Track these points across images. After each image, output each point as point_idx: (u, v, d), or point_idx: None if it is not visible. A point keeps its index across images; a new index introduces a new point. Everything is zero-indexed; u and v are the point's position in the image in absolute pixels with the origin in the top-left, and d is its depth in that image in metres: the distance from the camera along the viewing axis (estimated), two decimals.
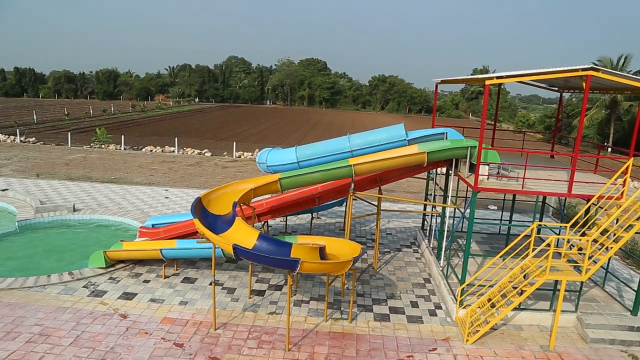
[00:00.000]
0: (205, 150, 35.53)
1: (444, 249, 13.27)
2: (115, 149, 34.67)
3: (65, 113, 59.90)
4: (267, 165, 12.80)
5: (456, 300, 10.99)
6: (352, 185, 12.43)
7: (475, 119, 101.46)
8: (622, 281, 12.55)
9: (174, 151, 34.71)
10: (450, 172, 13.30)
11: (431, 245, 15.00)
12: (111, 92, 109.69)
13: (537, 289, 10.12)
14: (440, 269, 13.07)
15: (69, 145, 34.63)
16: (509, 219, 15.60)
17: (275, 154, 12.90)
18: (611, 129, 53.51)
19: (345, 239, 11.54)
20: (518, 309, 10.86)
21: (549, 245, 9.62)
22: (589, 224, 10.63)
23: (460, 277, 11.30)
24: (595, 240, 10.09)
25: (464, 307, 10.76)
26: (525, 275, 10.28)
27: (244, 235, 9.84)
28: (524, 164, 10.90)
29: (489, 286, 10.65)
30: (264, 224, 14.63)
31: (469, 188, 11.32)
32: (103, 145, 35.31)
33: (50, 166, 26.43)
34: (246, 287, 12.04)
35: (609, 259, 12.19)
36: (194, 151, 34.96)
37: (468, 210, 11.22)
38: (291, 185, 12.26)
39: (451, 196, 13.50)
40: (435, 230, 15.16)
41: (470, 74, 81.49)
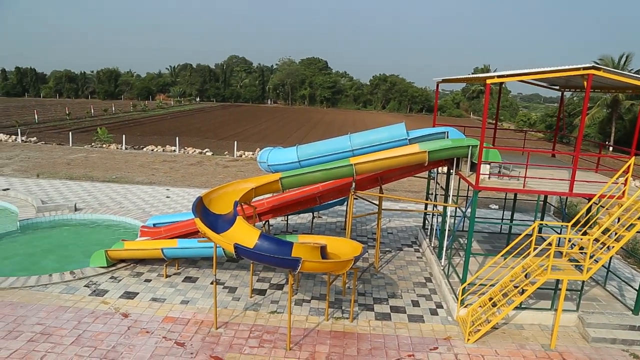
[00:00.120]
0: (206, 149, 35.54)
1: (445, 248, 13.26)
2: (117, 148, 34.71)
3: (67, 113, 59.99)
4: (268, 165, 12.81)
5: (457, 299, 10.99)
6: (353, 184, 12.44)
7: (477, 118, 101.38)
8: (624, 280, 12.54)
9: (175, 150, 34.74)
10: (451, 171, 13.29)
11: (432, 245, 14.99)
12: (112, 92, 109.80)
13: (539, 288, 10.13)
14: (442, 268, 13.06)
15: (70, 145, 34.68)
16: (510, 218, 15.58)
17: (276, 153, 12.90)
18: (612, 128, 53.42)
19: (346, 238, 11.55)
20: (519, 308, 10.86)
21: (550, 244, 9.62)
22: (590, 223, 10.62)
23: (461, 276, 11.30)
24: (596, 240, 10.08)
25: (465, 306, 10.76)
26: (526, 274, 10.28)
27: (245, 234, 9.85)
28: (525, 163, 10.89)
29: (490, 285, 10.65)
30: (265, 223, 14.64)
31: (470, 187, 11.31)
32: (104, 145, 35.35)
33: (51, 166, 26.46)
34: (247, 286, 12.06)
35: (611, 258, 12.17)
36: (195, 150, 34.98)
37: (469, 210, 11.21)
38: (292, 184, 12.27)
39: (452, 195, 13.49)
40: (436, 229, 15.15)
41: (471, 73, 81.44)
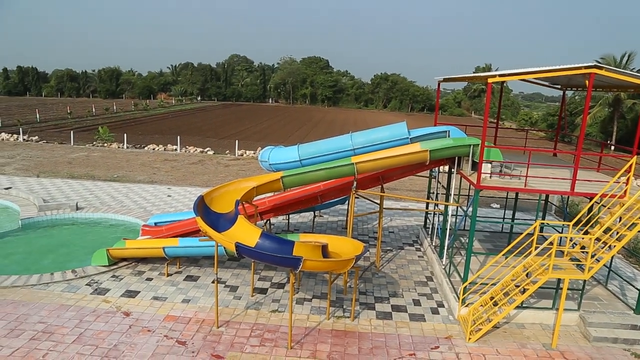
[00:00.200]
0: (207, 148, 35.56)
1: (446, 247, 13.25)
2: (118, 147, 34.74)
3: (68, 112, 60.09)
4: (270, 164, 12.81)
5: (458, 298, 10.99)
6: (355, 183, 12.43)
7: (478, 117, 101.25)
8: (625, 280, 12.52)
9: (176, 149, 34.77)
10: (452, 170, 13.28)
11: (433, 244, 14.99)
12: (113, 91, 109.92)
13: (540, 288, 10.12)
14: (443, 267, 13.06)
15: (72, 144, 34.73)
16: (511, 217, 15.57)
17: (278, 152, 12.90)
18: (614, 127, 53.32)
19: (348, 237, 11.55)
20: (520, 307, 10.85)
21: (551, 243, 9.61)
22: (592, 222, 10.61)
23: (462, 276, 11.29)
24: (598, 239, 10.07)
25: (467, 306, 10.76)
26: (527, 273, 10.28)
27: (247, 233, 9.85)
28: (526, 162, 10.88)
29: (492, 284, 10.65)
30: (267, 222, 14.64)
31: (471, 186, 11.30)
32: (106, 144, 35.39)
33: (53, 165, 26.50)
34: (248, 285, 12.07)
35: (612, 258, 12.16)
36: (196, 149, 35.00)
37: (470, 209, 11.20)
38: (293, 183, 12.27)
39: (453, 194, 13.48)
40: (437, 228, 15.14)
41: (473, 72, 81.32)
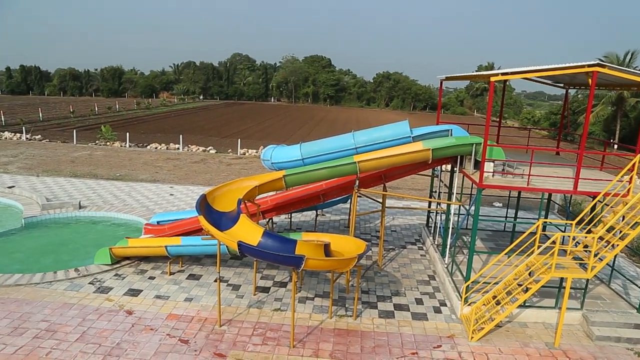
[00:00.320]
0: (209, 147, 35.58)
1: (448, 246, 13.24)
2: (121, 146, 34.80)
3: (71, 110, 60.21)
4: (272, 163, 12.81)
5: (461, 297, 10.98)
6: (357, 182, 12.43)
7: (480, 115, 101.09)
8: (628, 279, 12.49)
9: (178, 148, 34.80)
10: (455, 169, 13.26)
11: (436, 243, 14.97)
12: (116, 90, 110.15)
13: (543, 287, 10.10)
14: (445, 266, 13.05)
15: (75, 143, 34.79)
16: (514, 216, 15.53)
17: (280, 151, 12.90)
18: (617, 126, 53.15)
19: (350, 236, 11.55)
20: (523, 306, 10.84)
21: (554, 242, 9.59)
22: (595, 221, 10.58)
23: (465, 274, 11.28)
24: (601, 238, 10.05)
25: (469, 304, 10.75)
26: (530, 272, 10.26)
27: (249, 232, 9.85)
28: (529, 161, 10.85)
29: (494, 283, 10.63)
30: (269, 221, 14.65)
31: (473, 185, 11.29)
32: (108, 143, 35.46)
33: (56, 163, 26.56)
34: (251, 284, 12.08)
35: (615, 257, 12.11)
36: (198, 148, 35.03)
37: (473, 208, 11.19)
38: (296, 182, 12.27)
39: (456, 193, 13.47)
40: (440, 227, 15.13)
41: (475, 71, 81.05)
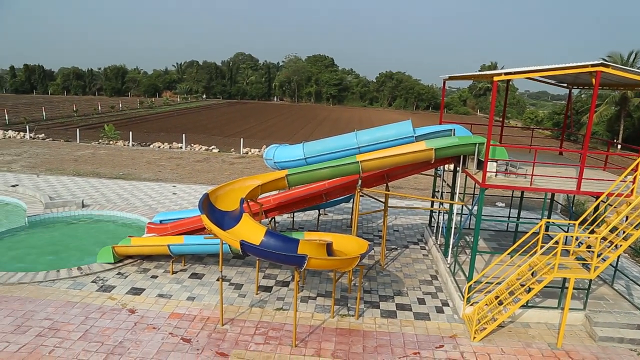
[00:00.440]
0: (212, 146, 35.62)
1: (451, 246, 13.22)
2: (124, 145, 34.88)
3: (74, 109, 60.35)
4: (275, 162, 12.82)
5: (463, 297, 10.96)
6: (360, 181, 12.42)
7: (483, 115, 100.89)
8: (632, 279, 12.46)
9: (181, 147, 34.86)
10: (457, 169, 13.24)
11: (438, 242, 14.96)
12: (119, 89, 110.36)
13: (545, 287, 10.07)
14: (448, 266, 13.03)
15: (78, 142, 34.88)
16: (517, 216, 15.50)
17: (283, 150, 12.91)
18: (621, 126, 52.90)
19: (353, 236, 11.55)
20: (526, 306, 10.81)
21: (557, 242, 9.57)
22: (598, 221, 10.55)
23: (467, 274, 11.27)
24: (604, 238, 10.01)
25: (471, 304, 10.73)
26: (533, 272, 10.23)
27: (251, 231, 9.87)
28: (532, 161, 10.82)
29: (497, 283, 10.62)
30: (271, 220, 14.66)
31: (476, 185, 11.27)
32: (111, 142, 35.54)
33: (59, 162, 26.64)
34: (253, 283, 12.09)
35: (618, 257, 12.08)
36: (201, 147, 35.08)
37: (476, 207, 11.17)
38: (298, 181, 12.27)
39: (459, 193, 13.45)
40: (442, 227, 15.11)
41: (478, 71, 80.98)
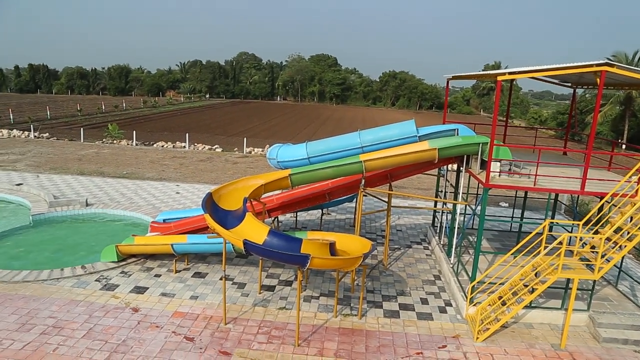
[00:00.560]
0: (216, 145, 35.68)
1: (454, 246, 13.20)
2: (127, 144, 34.97)
3: (78, 109, 60.51)
4: (278, 161, 12.82)
5: (466, 297, 10.95)
6: (363, 181, 12.42)
7: (487, 115, 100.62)
8: (636, 280, 12.41)
9: (184, 147, 34.93)
10: (461, 169, 13.21)
11: (442, 242, 14.93)
12: (123, 88, 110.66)
13: (549, 287, 10.05)
14: (451, 266, 13.01)
15: (82, 141, 34.99)
16: (520, 216, 15.46)
17: (286, 149, 12.91)
18: (626, 126, 52.70)
19: (356, 235, 11.54)
20: (529, 307, 10.78)
21: (561, 243, 9.54)
22: (602, 222, 10.51)
23: (470, 275, 11.25)
24: (608, 239, 9.97)
25: (474, 305, 10.71)
26: (536, 273, 10.21)
27: (255, 230, 9.88)
28: (536, 161, 10.79)
29: (500, 284, 10.59)
30: (275, 219, 14.67)
31: (480, 185, 11.25)
32: (115, 141, 35.64)
33: (63, 161, 26.74)
34: (256, 282, 12.11)
35: (623, 258, 12.03)
36: (204, 147, 35.14)
37: (479, 207, 11.15)
38: (302, 181, 12.28)
39: (462, 193, 13.42)
40: (445, 227, 15.08)
41: (482, 70, 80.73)
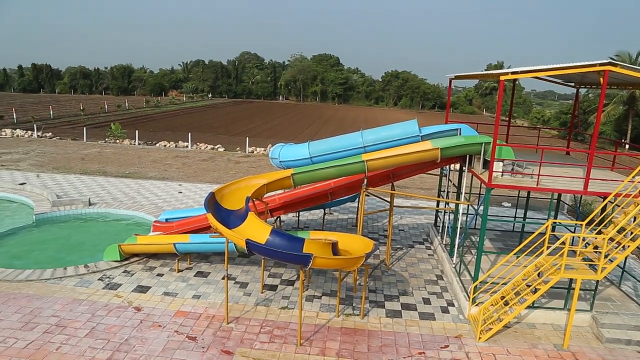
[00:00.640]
0: (218, 145, 35.71)
1: (456, 246, 13.18)
2: (130, 144, 35.04)
3: (81, 108, 60.69)
4: (280, 161, 12.83)
5: (469, 297, 10.93)
6: (365, 181, 12.41)
7: (489, 115, 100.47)
8: (639, 280, 12.36)
9: (187, 146, 34.97)
10: (463, 169, 13.20)
11: (444, 242, 14.91)
12: (125, 88, 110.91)
13: (552, 287, 10.02)
14: (453, 265, 13.00)
15: (85, 140, 35.08)
16: (523, 216, 15.43)
17: (288, 149, 12.92)
18: (629, 126, 52.48)
19: (358, 235, 11.54)
20: (532, 307, 10.76)
21: (563, 243, 9.51)
22: (606, 222, 10.48)
23: (473, 275, 11.23)
24: (611, 239, 9.94)
25: (477, 305, 10.70)
26: (539, 273, 10.18)
27: (257, 230, 9.89)
28: (539, 161, 10.76)
29: (503, 284, 10.57)
30: (277, 219, 14.68)
31: (482, 185, 11.22)
32: (118, 140, 35.70)
33: (66, 161, 26.81)
34: (258, 282, 12.12)
35: (626, 258, 11.99)
36: (207, 146, 35.17)
37: (482, 207, 11.13)
38: (304, 180, 12.28)
39: (464, 193, 13.40)
40: (448, 226, 15.06)
41: (485, 70, 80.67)
